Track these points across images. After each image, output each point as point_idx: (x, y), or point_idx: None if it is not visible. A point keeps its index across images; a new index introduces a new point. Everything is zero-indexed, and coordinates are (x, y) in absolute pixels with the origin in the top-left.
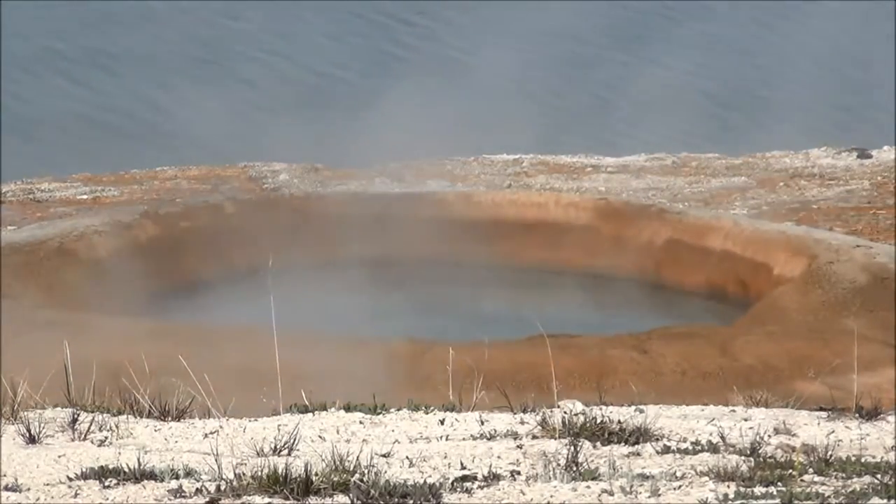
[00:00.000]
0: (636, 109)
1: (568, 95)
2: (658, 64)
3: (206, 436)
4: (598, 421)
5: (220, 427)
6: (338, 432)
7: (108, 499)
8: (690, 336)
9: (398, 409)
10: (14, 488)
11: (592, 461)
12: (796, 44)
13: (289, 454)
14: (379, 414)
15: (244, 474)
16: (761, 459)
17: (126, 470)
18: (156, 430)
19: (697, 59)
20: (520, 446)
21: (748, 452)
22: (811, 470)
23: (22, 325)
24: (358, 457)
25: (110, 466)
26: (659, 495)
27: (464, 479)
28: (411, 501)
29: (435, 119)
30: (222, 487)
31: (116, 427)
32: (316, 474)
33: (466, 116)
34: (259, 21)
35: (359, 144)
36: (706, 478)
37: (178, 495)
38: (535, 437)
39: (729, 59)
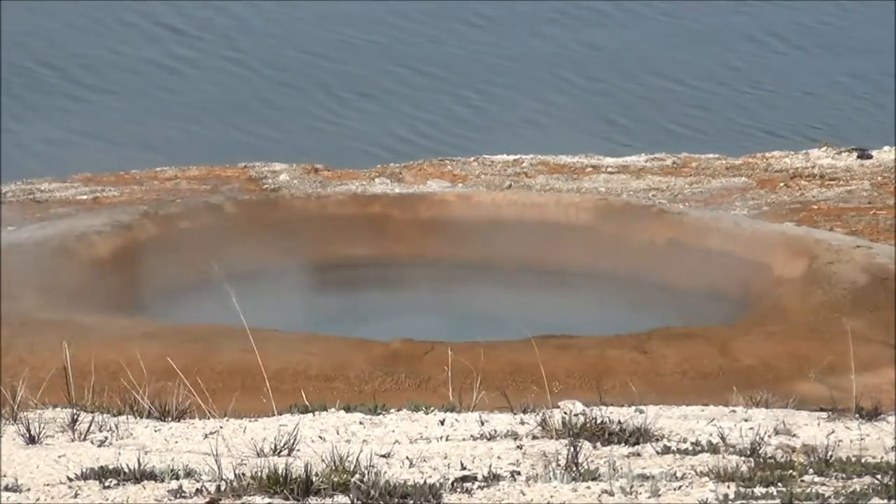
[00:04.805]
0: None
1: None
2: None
3: (206, 436)
4: (599, 421)
5: (221, 427)
6: (338, 433)
7: (108, 499)
8: (690, 336)
9: (398, 410)
10: (14, 488)
11: (592, 461)
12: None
13: (289, 454)
14: (379, 414)
15: (244, 474)
16: (761, 460)
17: (126, 470)
18: (156, 431)
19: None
20: (520, 447)
21: (748, 453)
22: (811, 470)
23: (22, 325)
24: (358, 457)
25: (110, 467)
26: (659, 496)
27: (464, 479)
28: (411, 502)
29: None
30: (222, 488)
31: (116, 427)
32: (316, 475)
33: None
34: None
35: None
36: (706, 478)
37: (178, 495)
38: (535, 437)
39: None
